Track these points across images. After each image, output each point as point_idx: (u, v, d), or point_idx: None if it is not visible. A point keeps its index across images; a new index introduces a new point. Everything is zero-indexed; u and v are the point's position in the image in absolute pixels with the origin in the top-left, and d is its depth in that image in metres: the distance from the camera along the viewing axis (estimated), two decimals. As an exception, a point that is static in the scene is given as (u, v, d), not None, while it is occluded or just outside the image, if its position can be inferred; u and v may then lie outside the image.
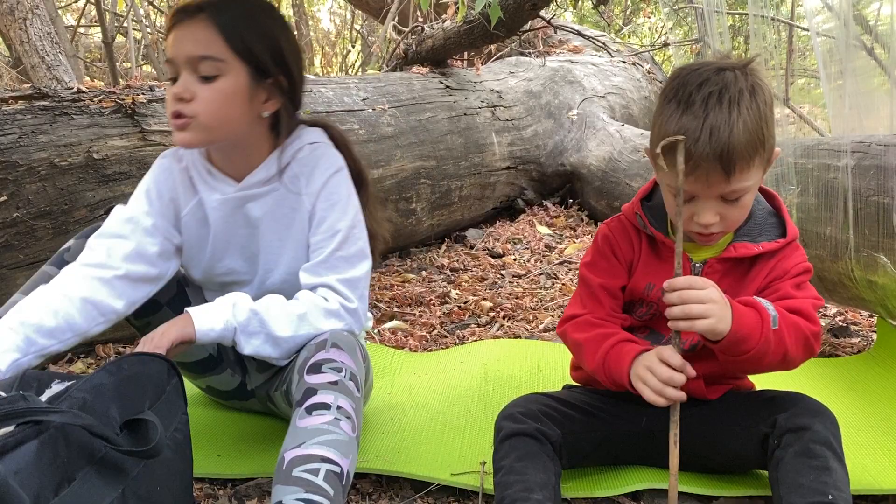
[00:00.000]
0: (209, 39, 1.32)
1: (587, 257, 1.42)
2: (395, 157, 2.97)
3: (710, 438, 1.33)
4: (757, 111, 1.18)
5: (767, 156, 1.23)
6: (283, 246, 1.45)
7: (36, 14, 3.03)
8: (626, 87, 4.58)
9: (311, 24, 7.91)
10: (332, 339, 1.30)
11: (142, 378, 1.07)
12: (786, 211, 1.34)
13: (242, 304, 1.33)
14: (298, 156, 1.42)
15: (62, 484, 0.85)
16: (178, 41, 1.33)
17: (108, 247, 1.37)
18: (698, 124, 1.16)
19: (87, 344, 2.05)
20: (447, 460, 1.46)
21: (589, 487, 1.36)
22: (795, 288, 1.27)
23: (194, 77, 1.33)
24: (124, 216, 1.42)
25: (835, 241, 1.82)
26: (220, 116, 1.35)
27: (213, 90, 1.33)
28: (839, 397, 1.72)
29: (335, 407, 1.19)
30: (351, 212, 1.42)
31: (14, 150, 1.81)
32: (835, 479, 1.14)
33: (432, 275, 2.90)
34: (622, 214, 1.40)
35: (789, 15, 4.05)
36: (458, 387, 1.83)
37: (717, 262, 1.31)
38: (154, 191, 1.44)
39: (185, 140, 1.36)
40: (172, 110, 1.33)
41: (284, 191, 1.42)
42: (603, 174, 3.55)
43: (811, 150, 1.94)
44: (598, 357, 1.29)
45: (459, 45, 3.48)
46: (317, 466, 1.10)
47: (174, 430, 1.10)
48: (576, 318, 1.37)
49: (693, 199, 1.23)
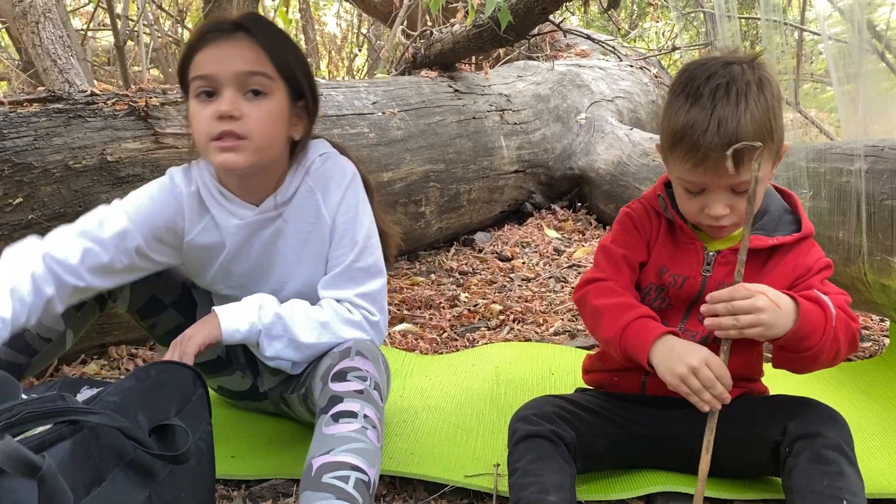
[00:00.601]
0: (257, 57, 1.29)
1: (607, 236, 1.42)
2: (404, 160, 2.97)
3: (721, 443, 1.33)
4: (765, 103, 1.19)
5: (776, 148, 1.24)
6: (298, 260, 1.43)
7: (48, 18, 3.05)
8: (633, 91, 4.59)
9: (317, 28, 7.93)
10: (357, 348, 1.31)
11: (169, 386, 1.09)
12: (801, 208, 1.35)
13: (268, 306, 1.33)
14: (311, 169, 1.41)
15: (94, 483, 0.87)
16: (221, 58, 1.28)
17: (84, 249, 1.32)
18: (706, 116, 1.18)
19: (99, 345, 2.06)
20: (461, 462, 1.46)
21: (603, 490, 1.36)
22: (822, 285, 1.27)
23: (240, 95, 1.28)
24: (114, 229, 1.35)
25: (847, 245, 1.81)
26: (270, 137, 1.31)
27: (264, 110, 1.29)
28: (852, 401, 1.72)
29: (362, 415, 1.19)
30: (367, 222, 1.42)
31: (29, 153, 1.82)
32: (849, 484, 1.13)
33: (441, 278, 2.91)
34: (643, 198, 1.41)
35: (796, 19, 4.05)
36: (470, 389, 1.84)
37: (731, 252, 1.31)
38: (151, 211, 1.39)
39: (236, 163, 1.28)
40: (219, 130, 1.26)
41: (301, 206, 1.40)
42: (612, 178, 3.55)
43: (823, 153, 1.94)
44: (617, 326, 1.27)
45: (468, 49, 3.49)
46: (347, 474, 1.11)
47: (198, 439, 1.11)
48: (597, 281, 1.35)
49: (703, 192, 1.24)
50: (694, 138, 1.18)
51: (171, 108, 2.16)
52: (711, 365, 1.18)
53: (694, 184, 1.23)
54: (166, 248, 1.42)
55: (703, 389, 1.17)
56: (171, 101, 2.18)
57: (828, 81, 5.37)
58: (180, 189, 1.40)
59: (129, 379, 1.03)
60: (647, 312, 1.29)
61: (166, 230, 1.40)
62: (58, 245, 1.32)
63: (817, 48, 5.73)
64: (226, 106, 1.26)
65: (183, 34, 4.88)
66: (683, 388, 1.18)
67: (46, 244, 1.32)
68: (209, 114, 1.27)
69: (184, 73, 1.35)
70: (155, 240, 1.40)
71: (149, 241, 1.38)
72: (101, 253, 1.33)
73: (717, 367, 1.18)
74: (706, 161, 1.18)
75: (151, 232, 1.38)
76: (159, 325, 1.56)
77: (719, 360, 1.19)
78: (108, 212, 1.38)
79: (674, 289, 1.34)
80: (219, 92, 1.28)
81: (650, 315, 1.29)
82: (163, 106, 2.15)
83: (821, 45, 5.52)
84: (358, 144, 2.78)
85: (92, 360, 2.04)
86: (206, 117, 1.28)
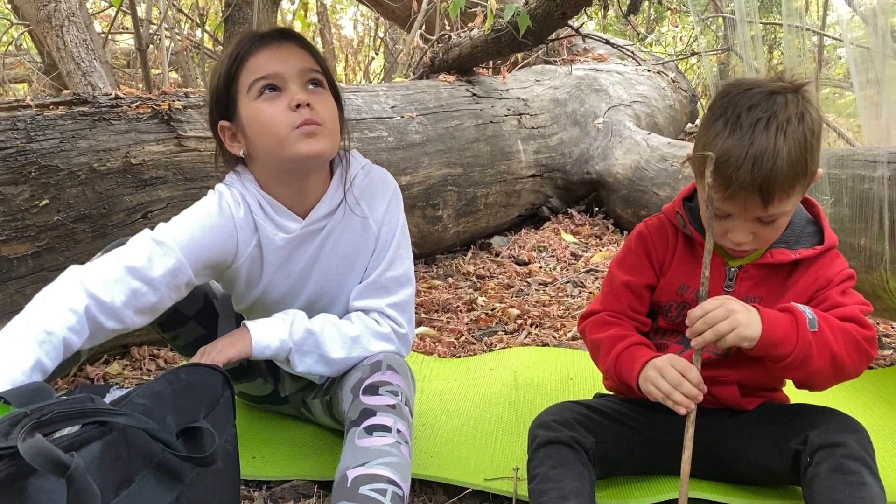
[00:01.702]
0: (309, 59, 1.35)
1: (619, 254, 1.46)
2: (422, 164, 2.98)
3: (740, 450, 1.33)
4: (803, 140, 1.18)
5: (809, 181, 1.24)
6: (340, 272, 1.43)
7: (72, 21, 3.09)
8: (651, 95, 4.58)
9: (333, 32, 7.97)
10: (387, 362, 1.33)
11: (198, 388, 1.10)
12: (825, 219, 1.34)
13: (299, 322, 1.34)
14: (356, 182, 1.42)
15: (123, 485, 0.88)
16: (281, 58, 1.32)
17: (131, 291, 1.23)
18: (742, 151, 1.17)
19: (122, 346, 2.09)
20: (480, 466, 1.47)
21: (621, 496, 1.36)
22: (842, 295, 1.28)
23: (306, 89, 1.33)
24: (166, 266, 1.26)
25: (869, 252, 1.80)
26: (336, 124, 1.36)
27: (326, 98, 1.35)
28: (873, 409, 1.71)
29: (395, 430, 1.21)
30: (404, 231, 1.45)
31: (55, 155, 1.84)
32: (871, 495, 1.13)
33: (458, 281, 2.92)
34: (662, 213, 1.42)
35: (816, 24, 4.03)
36: (488, 393, 1.84)
37: (753, 267, 1.32)
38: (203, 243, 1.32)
39: (320, 148, 1.31)
40: (301, 118, 1.29)
41: (347, 219, 1.41)
42: (630, 183, 3.55)
43: (844, 160, 1.93)
44: (611, 357, 1.33)
45: (487, 54, 3.49)
46: (384, 487, 1.12)
47: (224, 442, 1.12)
48: (593, 314, 1.42)
49: (728, 217, 1.24)
50: (728, 173, 1.17)
51: (193, 111, 2.19)
52: (676, 365, 1.22)
53: (721, 210, 1.23)
54: (211, 272, 1.38)
55: (672, 390, 1.21)
56: (194, 104, 2.21)
57: (846, 86, 5.34)
58: (230, 213, 1.35)
59: (159, 381, 1.04)
60: (638, 340, 1.34)
61: (218, 259, 1.36)
62: (103, 286, 1.20)
63: (836, 53, 5.69)
64: (301, 95, 1.30)
65: (203, 38, 4.91)
66: (655, 392, 1.23)
67: (90, 282, 1.20)
68: (282, 106, 1.30)
69: (231, 82, 1.34)
70: (204, 268, 1.34)
71: (198, 270, 1.33)
72: (149, 293, 1.24)
73: (681, 366, 1.21)
74: (736, 196, 1.19)
75: (203, 262, 1.33)
76: (181, 337, 1.57)
77: (683, 360, 1.23)
78: (157, 245, 1.27)
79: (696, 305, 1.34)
80: (284, 87, 1.31)
81: (641, 342, 1.33)
82: (185, 109, 2.17)
83: (840, 50, 5.48)
84: (377, 148, 2.80)
85: (114, 360, 2.06)
86: (280, 110, 1.30)
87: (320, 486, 1.42)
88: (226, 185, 1.40)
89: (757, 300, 1.31)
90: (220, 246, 1.35)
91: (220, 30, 3.99)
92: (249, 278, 1.42)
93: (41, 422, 0.84)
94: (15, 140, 1.79)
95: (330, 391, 1.45)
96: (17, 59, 5.71)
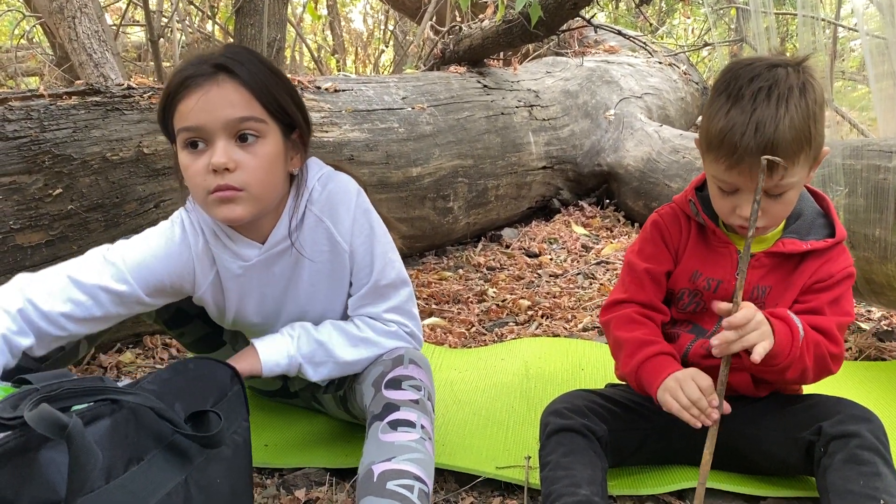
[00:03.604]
0: (245, 100, 1.19)
1: (635, 245, 1.45)
2: (433, 155, 2.98)
3: (754, 441, 1.32)
4: (805, 109, 1.18)
5: (814, 154, 1.23)
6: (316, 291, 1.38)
7: (84, 13, 3.09)
8: (662, 87, 4.56)
9: (343, 25, 7.97)
10: (409, 356, 1.32)
11: (206, 380, 1.11)
12: (834, 212, 1.34)
13: (305, 335, 1.33)
14: (313, 197, 1.32)
15: (132, 461, 0.89)
16: (206, 105, 1.17)
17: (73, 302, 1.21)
18: (745, 119, 1.17)
19: (134, 335, 2.10)
20: (491, 454, 1.47)
21: (634, 485, 1.36)
22: (831, 304, 1.28)
23: (233, 143, 1.19)
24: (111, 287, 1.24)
25: (884, 243, 1.79)
26: (269, 183, 1.23)
27: (259, 156, 1.20)
28: (886, 400, 1.70)
29: (419, 426, 1.20)
30: (382, 235, 1.36)
31: (69, 145, 1.85)
32: (886, 485, 1.12)
33: (469, 273, 2.92)
34: (674, 202, 1.42)
35: (830, 15, 3.99)
36: (499, 383, 1.84)
37: (765, 256, 1.31)
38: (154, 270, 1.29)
39: (235, 215, 1.21)
40: (216, 184, 1.18)
41: (313, 237, 1.33)
42: (641, 175, 3.53)
43: (859, 150, 1.91)
44: (633, 362, 1.31)
45: (497, 45, 3.48)
46: (411, 483, 1.11)
47: (234, 433, 1.12)
48: (619, 304, 1.40)
49: (736, 192, 1.24)
50: (731, 141, 1.18)
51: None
52: (699, 381, 1.22)
53: (728, 184, 1.23)
54: (169, 296, 1.35)
55: (690, 405, 1.21)
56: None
57: (859, 79, 5.30)
58: (189, 243, 1.32)
59: (167, 370, 1.05)
60: (664, 349, 1.32)
61: (173, 285, 1.32)
62: (43, 293, 1.20)
63: (849, 45, 5.65)
64: (219, 158, 1.17)
65: (214, 30, 4.92)
66: (673, 404, 1.22)
67: (31, 288, 1.20)
68: (202, 167, 1.19)
69: (166, 120, 1.24)
70: (157, 292, 1.31)
71: (151, 293, 1.30)
72: (92, 307, 1.23)
73: (704, 384, 1.21)
74: (741, 164, 1.18)
75: (155, 287, 1.29)
76: (187, 334, 1.57)
77: (706, 377, 1.23)
78: (107, 264, 1.26)
79: (708, 293, 1.34)
80: (210, 142, 1.19)
81: (667, 352, 1.32)
82: (197, 99, 2.17)
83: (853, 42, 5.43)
84: (388, 139, 2.79)
85: (127, 348, 2.08)
86: (199, 170, 1.19)
87: (332, 474, 1.42)
88: (186, 210, 1.34)
89: (767, 289, 1.31)
90: (177, 275, 1.31)
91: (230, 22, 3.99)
92: (217, 305, 1.39)
93: (50, 396, 0.86)
94: (29, 129, 1.80)
95: (343, 387, 1.45)
96: (29, 52, 5.74)
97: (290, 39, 6.17)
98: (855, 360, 2.01)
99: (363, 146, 2.69)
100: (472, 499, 1.37)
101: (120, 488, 0.86)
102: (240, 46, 1.29)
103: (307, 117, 1.32)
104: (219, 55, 1.21)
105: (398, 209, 2.83)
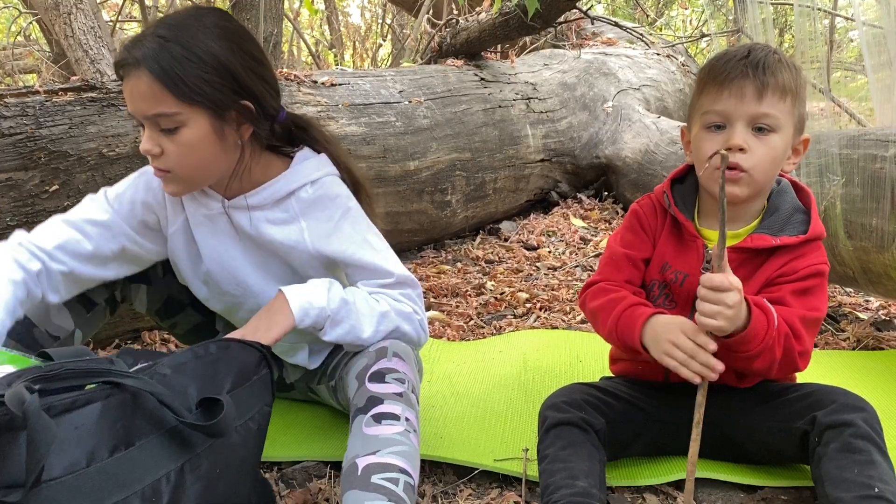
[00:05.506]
0: (156, 96, 1.22)
1: (616, 233, 1.47)
2: (430, 149, 2.98)
3: (749, 431, 1.33)
4: (792, 69, 1.26)
5: (799, 112, 1.27)
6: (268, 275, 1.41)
7: (80, 9, 3.09)
8: (660, 79, 4.55)
9: (341, 20, 7.95)
10: (393, 349, 1.31)
11: (227, 363, 1.09)
12: (815, 209, 1.33)
13: (335, 290, 1.30)
14: (300, 194, 1.37)
15: (118, 446, 0.88)
16: (130, 98, 1.25)
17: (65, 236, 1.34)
18: (737, 50, 1.27)
19: (133, 330, 2.10)
20: (489, 446, 1.47)
21: (631, 476, 1.37)
22: (795, 294, 1.26)
23: (157, 131, 1.25)
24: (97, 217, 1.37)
25: (881, 232, 1.79)
26: (195, 164, 1.29)
27: (179, 144, 1.26)
28: (883, 390, 1.70)
29: (404, 419, 1.20)
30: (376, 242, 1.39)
31: (65, 141, 1.85)
32: (880, 473, 1.13)
33: (467, 266, 2.92)
34: (653, 192, 1.44)
35: (828, 5, 3.98)
36: (497, 375, 1.85)
37: (734, 251, 1.31)
38: (132, 199, 1.40)
39: (171, 192, 1.34)
40: (151, 165, 1.30)
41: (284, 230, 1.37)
42: (639, 167, 3.53)
43: (856, 140, 1.91)
44: (610, 322, 1.32)
45: (494, 38, 3.47)
46: (396, 476, 1.11)
47: (249, 419, 1.10)
48: (592, 285, 1.42)
49: (722, 127, 1.26)
50: (722, 63, 1.25)
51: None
52: (687, 332, 1.20)
53: (717, 114, 1.26)
54: (154, 234, 1.43)
55: (688, 360, 1.19)
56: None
57: (858, 70, 5.30)
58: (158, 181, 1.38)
59: (186, 353, 1.04)
60: (635, 301, 1.32)
61: (149, 216, 1.41)
62: (38, 233, 1.34)
63: (847, 36, 5.64)
64: (143, 145, 1.27)
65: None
66: (671, 361, 1.21)
67: (27, 235, 1.34)
68: (142, 148, 1.28)
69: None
70: (141, 226, 1.41)
71: (136, 227, 1.40)
72: (82, 241, 1.34)
73: (692, 333, 1.19)
74: (731, 84, 1.23)
75: (136, 218, 1.40)
76: (180, 325, 1.57)
77: (693, 325, 1.20)
78: (92, 201, 1.40)
79: (675, 286, 1.35)
80: (144, 126, 1.28)
81: (638, 302, 1.32)
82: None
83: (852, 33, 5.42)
84: (385, 133, 2.79)
85: (125, 344, 2.08)
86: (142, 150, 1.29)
87: (331, 467, 1.43)
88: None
89: None
90: (151, 210, 1.41)
91: (227, 16, 3.97)
92: (190, 255, 1.43)
93: (47, 376, 0.86)
94: (24, 126, 1.80)
95: (335, 376, 1.45)
96: (26, 49, 5.73)
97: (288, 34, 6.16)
98: (853, 349, 2.01)
99: (360, 140, 2.69)
100: (470, 491, 1.37)
101: (101, 472, 0.85)
102: (171, 22, 1.27)
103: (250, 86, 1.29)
104: (141, 41, 1.23)
105: (396, 203, 2.83)
